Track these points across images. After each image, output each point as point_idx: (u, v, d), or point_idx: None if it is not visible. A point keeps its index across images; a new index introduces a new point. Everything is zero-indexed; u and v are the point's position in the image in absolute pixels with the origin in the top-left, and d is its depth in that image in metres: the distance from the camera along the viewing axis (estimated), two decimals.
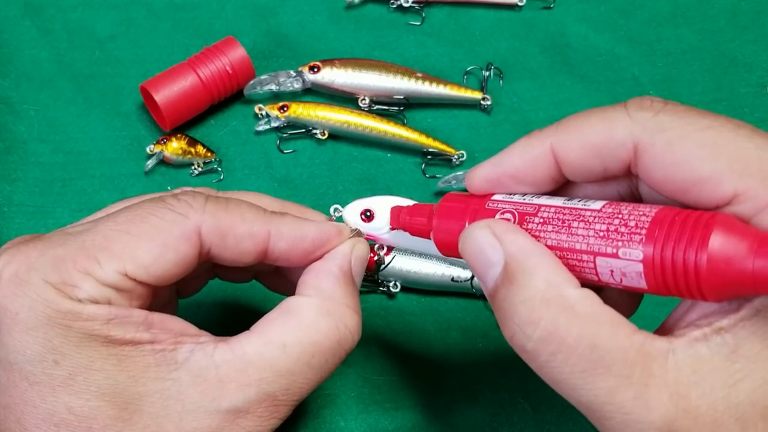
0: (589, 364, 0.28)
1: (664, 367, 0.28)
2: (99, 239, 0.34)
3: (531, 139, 0.34)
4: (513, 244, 0.31)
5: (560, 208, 0.32)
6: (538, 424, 0.49)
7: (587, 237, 0.30)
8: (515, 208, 0.34)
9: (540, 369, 0.30)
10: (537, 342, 0.30)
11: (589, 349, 0.28)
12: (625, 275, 0.29)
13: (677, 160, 0.30)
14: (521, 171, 0.34)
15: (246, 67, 0.57)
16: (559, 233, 0.31)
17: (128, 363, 0.33)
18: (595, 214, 0.31)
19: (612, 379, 0.28)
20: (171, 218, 0.35)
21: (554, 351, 0.29)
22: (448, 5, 0.64)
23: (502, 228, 0.32)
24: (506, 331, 0.31)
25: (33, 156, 0.56)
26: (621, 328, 0.29)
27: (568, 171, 0.33)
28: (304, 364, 0.35)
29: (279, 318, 0.36)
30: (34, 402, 0.32)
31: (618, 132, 0.31)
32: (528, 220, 0.33)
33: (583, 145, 0.32)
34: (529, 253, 0.31)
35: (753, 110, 0.60)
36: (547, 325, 0.29)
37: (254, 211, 0.37)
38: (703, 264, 0.27)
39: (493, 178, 0.35)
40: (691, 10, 0.64)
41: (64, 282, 0.33)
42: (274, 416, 0.35)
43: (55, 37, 0.61)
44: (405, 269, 0.51)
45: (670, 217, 0.29)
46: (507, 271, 0.31)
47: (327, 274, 0.38)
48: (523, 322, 0.30)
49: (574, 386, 0.29)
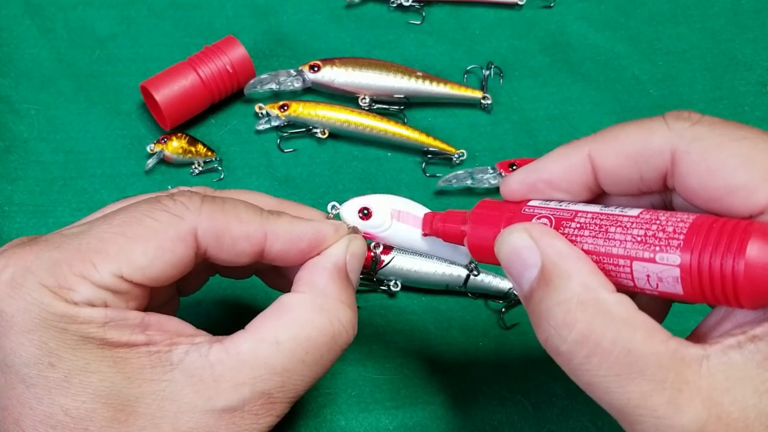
0: (624, 367, 0.29)
1: (697, 373, 0.28)
2: (94, 242, 0.34)
3: (569, 146, 0.35)
4: (550, 247, 0.32)
5: (597, 213, 0.32)
6: (539, 422, 0.49)
7: (624, 242, 0.31)
8: (552, 213, 0.34)
9: (573, 371, 0.30)
10: (572, 344, 0.30)
11: (624, 352, 0.29)
12: (661, 280, 0.30)
13: (712, 168, 0.30)
14: (558, 177, 0.35)
15: (246, 66, 0.57)
16: (596, 238, 0.32)
17: (124, 365, 0.33)
18: (633, 219, 0.31)
19: (646, 384, 0.29)
20: (166, 220, 0.35)
21: (589, 354, 0.29)
22: (448, 4, 0.64)
23: (540, 231, 0.32)
24: (541, 333, 0.31)
25: (33, 155, 0.56)
26: (656, 334, 0.29)
27: (604, 179, 0.34)
28: (298, 361, 0.35)
29: (272, 315, 0.36)
30: (30, 404, 0.32)
31: (655, 140, 0.32)
32: (565, 225, 0.33)
33: (620, 153, 0.33)
34: (565, 257, 0.31)
35: (753, 109, 0.60)
36: (583, 327, 0.30)
37: (251, 212, 0.37)
38: (741, 271, 0.27)
39: (530, 183, 0.35)
40: (691, 8, 0.64)
41: (60, 285, 0.33)
42: (270, 414, 0.35)
43: (55, 36, 0.61)
44: (405, 268, 0.51)
45: (707, 223, 0.29)
46: (543, 274, 0.31)
47: (321, 270, 0.38)
48: (559, 325, 0.30)
49: (607, 389, 0.29)
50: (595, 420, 0.49)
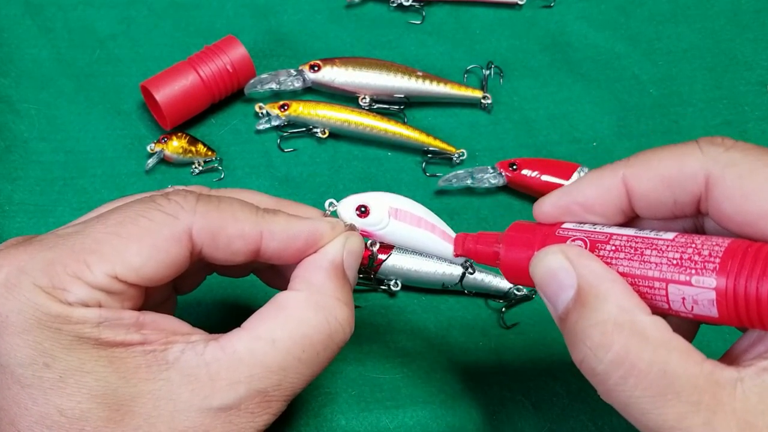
0: (660, 389, 0.29)
1: (732, 396, 0.29)
2: (89, 242, 0.34)
3: (603, 169, 0.35)
4: (586, 269, 0.32)
5: (632, 236, 0.33)
6: (539, 422, 0.49)
7: (660, 264, 0.31)
8: (586, 235, 0.34)
9: (608, 392, 0.31)
10: (608, 365, 0.30)
11: (660, 374, 0.29)
12: (696, 303, 0.30)
13: (747, 193, 0.31)
14: (592, 200, 0.35)
15: (246, 66, 0.57)
16: (631, 260, 0.32)
17: (119, 364, 0.33)
18: (668, 243, 0.31)
19: (681, 405, 0.29)
20: (161, 219, 0.35)
21: (625, 375, 0.30)
22: (449, 4, 0.64)
23: (576, 253, 0.33)
24: (577, 354, 0.32)
25: (34, 155, 0.56)
26: (691, 356, 0.30)
27: (638, 203, 0.34)
28: (294, 359, 0.35)
29: (269, 313, 0.36)
30: (26, 405, 0.32)
31: (689, 165, 0.32)
32: (599, 247, 0.33)
33: (654, 177, 0.33)
34: (602, 278, 0.32)
35: (753, 109, 0.60)
36: (619, 349, 0.30)
37: (246, 211, 0.37)
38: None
39: (563, 205, 0.36)
40: (691, 8, 0.64)
41: (54, 286, 0.33)
42: (267, 412, 0.35)
43: (55, 36, 0.61)
44: (406, 268, 0.51)
45: (743, 247, 0.29)
46: (580, 295, 0.32)
47: (317, 267, 0.38)
48: (595, 345, 0.31)
49: (642, 410, 0.30)
50: (595, 419, 0.49)
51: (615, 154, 0.58)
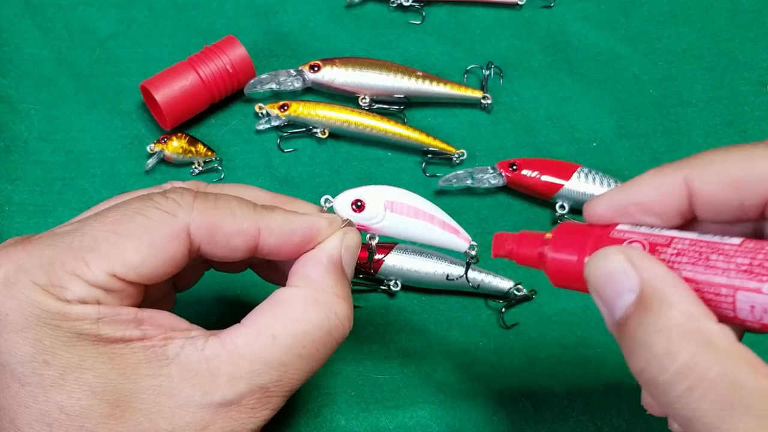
0: (729, 403, 0.27)
1: None
2: (87, 240, 0.34)
3: (664, 169, 0.33)
4: (649, 271, 0.30)
5: (696, 240, 0.31)
6: (539, 422, 0.49)
7: (728, 270, 0.29)
8: (645, 238, 0.33)
9: (671, 404, 0.29)
10: (673, 375, 0.28)
11: (730, 387, 0.27)
12: (767, 312, 0.29)
13: None
14: (651, 201, 0.33)
15: (246, 66, 0.57)
16: (696, 265, 0.30)
17: (119, 360, 0.33)
18: (736, 248, 0.30)
19: (751, 420, 0.27)
20: (159, 217, 0.35)
21: (691, 386, 0.28)
22: (449, 4, 0.64)
23: (637, 254, 0.31)
24: (636, 362, 0.30)
25: (33, 155, 0.56)
26: (760, 369, 0.28)
27: (700, 205, 0.33)
28: (294, 355, 0.35)
29: (268, 309, 0.36)
30: (26, 402, 0.32)
31: (760, 166, 0.31)
32: (660, 251, 0.32)
33: (721, 179, 0.32)
34: (666, 282, 0.30)
35: (753, 109, 0.60)
36: (687, 358, 0.28)
37: (244, 207, 0.37)
38: None
39: (620, 206, 0.34)
40: (691, 8, 0.64)
41: (53, 284, 0.33)
42: (266, 407, 0.35)
43: (55, 36, 0.61)
44: (406, 268, 0.51)
45: None
46: (642, 299, 0.30)
47: (316, 264, 0.38)
48: (661, 353, 0.29)
49: (709, 425, 0.28)
50: (594, 420, 0.49)
51: (615, 154, 0.58)
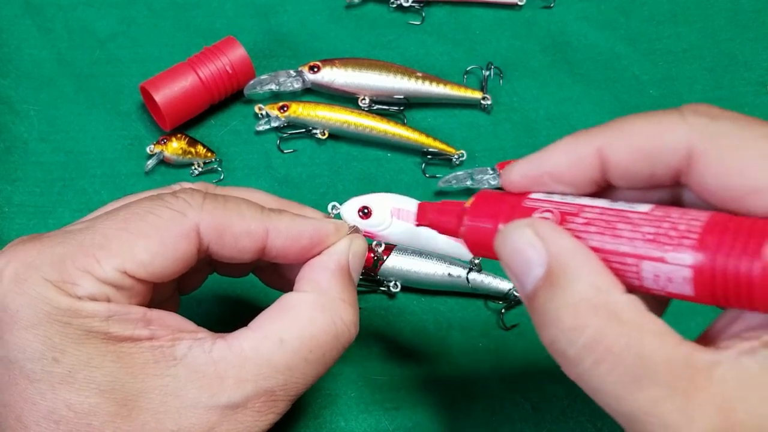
0: (634, 374, 0.28)
1: (710, 380, 0.27)
2: (98, 237, 0.34)
3: (577, 137, 0.33)
4: (557, 245, 0.30)
5: (605, 209, 0.31)
6: (539, 423, 0.49)
7: (633, 240, 0.29)
8: (556, 207, 0.32)
9: (580, 376, 0.29)
10: (581, 349, 0.28)
11: (636, 358, 0.27)
12: (671, 281, 0.28)
13: (733, 168, 0.29)
14: (563, 170, 0.33)
15: (246, 67, 0.57)
16: (603, 235, 0.30)
17: (127, 359, 0.33)
18: (643, 216, 0.29)
19: (657, 390, 0.27)
20: (169, 216, 0.35)
21: (598, 359, 0.28)
22: (448, 4, 0.64)
23: (545, 227, 0.31)
24: (546, 336, 0.30)
25: (33, 156, 0.56)
26: (667, 338, 0.28)
27: (613, 174, 0.32)
28: (301, 359, 0.35)
29: (276, 314, 0.36)
30: (34, 399, 0.32)
31: (671, 136, 0.30)
32: (569, 221, 0.31)
33: (633, 149, 0.31)
34: (573, 255, 0.30)
35: (753, 109, 0.60)
36: (593, 332, 0.28)
37: (252, 209, 0.37)
38: (757, 273, 0.26)
39: (533, 175, 0.34)
40: (691, 8, 0.64)
41: (64, 280, 0.33)
42: (272, 411, 0.35)
43: (55, 37, 0.61)
44: (405, 269, 0.51)
45: (722, 223, 0.27)
46: (550, 273, 0.30)
47: (323, 269, 0.38)
48: (568, 328, 0.29)
49: (616, 396, 0.28)
50: (594, 420, 0.49)
51: None
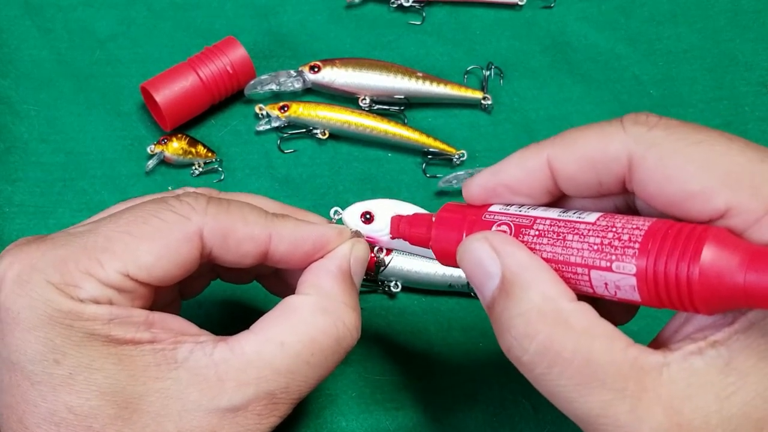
0: (584, 377, 0.29)
1: (657, 381, 0.28)
2: (101, 240, 0.34)
3: (528, 150, 0.34)
4: (510, 257, 0.32)
5: (555, 220, 0.32)
6: (539, 423, 0.49)
7: (582, 250, 0.30)
8: (511, 220, 0.34)
9: (536, 381, 0.31)
10: (533, 355, 0.30)
11: (584, 363, 0.29)
12: (619, 288, 0.30)
13: (669, 174, 0.30)
14: (517, 182, 0.34)
15: (246, 67, 0.57)
16: (554, 246, 0.31)
17: (128, 362, 0.33)
18: (590, 227, 0.31)
19: (606, 393, 0.28)
20: (173, 220, 0.35)
21: (550, 364, 0.29)
22: (449, 4, 0.64)
23: (500, 240, 0.32)
24: (503, 343, 0.32)
25: (33, 156, 0.56)
26: (615, 342, 0.29)
27: (563, 184, 0.33)
28: (302, 362, 0.35)
29: (277, 317, 0.36)
30: (35, 401, 0.32)
31: (612, 146, 0.31)
32: (524, 233, 0.33)
33: (578, 158, 0.32)
34: (525, 267, 0.31)
35: (753, 109, 0.60)
36: (543, 338, 0.30)
37: (256, 214, 0.37)
38: (695, 277, 0.27)
39: (490, 187, 0.35)
40: (691, 9, 0.64)
41: (66, 282, 0.33)
42: (273, 414, 0.35)
43: (55, 37, 0.61)
44: (406, 269, 0.51)
45: (663, 230, 0.29)
46: (504, 284, 0.31)
47: (326, 272, 0.38)
48: (520, 335, 0.30)
49: (568, 399, 0.29)
50: None
51: None
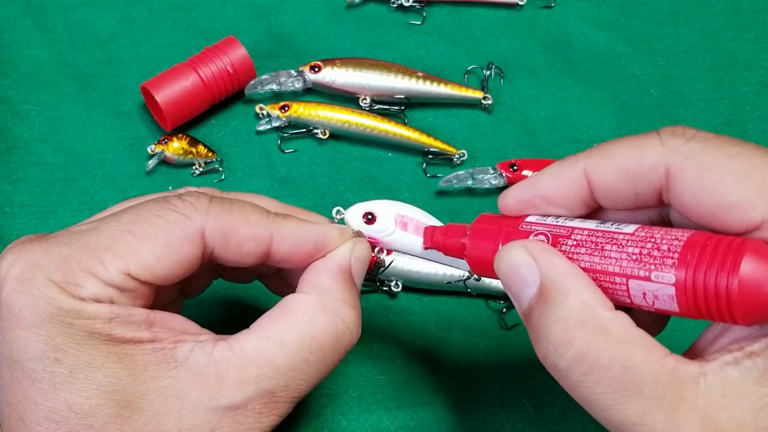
0: (622, 385, 0.29)
1: (694, 391, 0.29)
2: (103, 239, 0.34)
3: (564, 162, 0.35)
4: (549, 265, 0.32)
5: (593, 230, 0.33)
6: (540, 423, 0.49)
7: (620, 260, 0.31)
8: (548, 230, 0.34)
9: (572, 388, 0.31)
10: (570, 362, 0.30)
11: (622, 370, 0.29)
12: (657, 298, 0.30)
13: (707, 185, 0.30)
14: (554, 193, 0.35)
15: (247, 67, 0.57)
16: (592, 255, 0.32)
17: (129, 361, 0.33)
18: (628, 237, 0.31)
19: (643, 401, 0.29)
20: (175, 219, 0.35)
21: (587, 371, 0.30)
22: (449, 4, 0.64)
23: (538, 248, 0.33)
24: (540, 350, 0.32)
25: (34, 156, 0.56)
26: (653, 351, 0.30)
27: (600, 195, 0.34)
28: (302, 361, 0.35)
29: (277, 315, 0.36)
30: (35, 399, 0.33)
31: (650, 157, 0.32)
32: (561, 242, 0.33)
33: (615, 169, 0.33)
34: (564, 274, 0.32)
35: (754, 109, 0.60)
36: (581, 345, 0.30)
37: (258, 213, 0.37)
38: (735, 288, 0.27)
39: (526, 198, 0.36)
40: (691, 8, 0.64)
41: (68, 281, 0.33)
42: (273, 413, 0.35)
43: (56, 37, 0.61)
44: (406, 269, 0.51)
45: (702, 241, 0.29)
46: (542, 291, 0.32)
47: (326, 271, 0.38)
48: (558, 342, 0.30)
49: (605, 407, 0.30)
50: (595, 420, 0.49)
51: None
